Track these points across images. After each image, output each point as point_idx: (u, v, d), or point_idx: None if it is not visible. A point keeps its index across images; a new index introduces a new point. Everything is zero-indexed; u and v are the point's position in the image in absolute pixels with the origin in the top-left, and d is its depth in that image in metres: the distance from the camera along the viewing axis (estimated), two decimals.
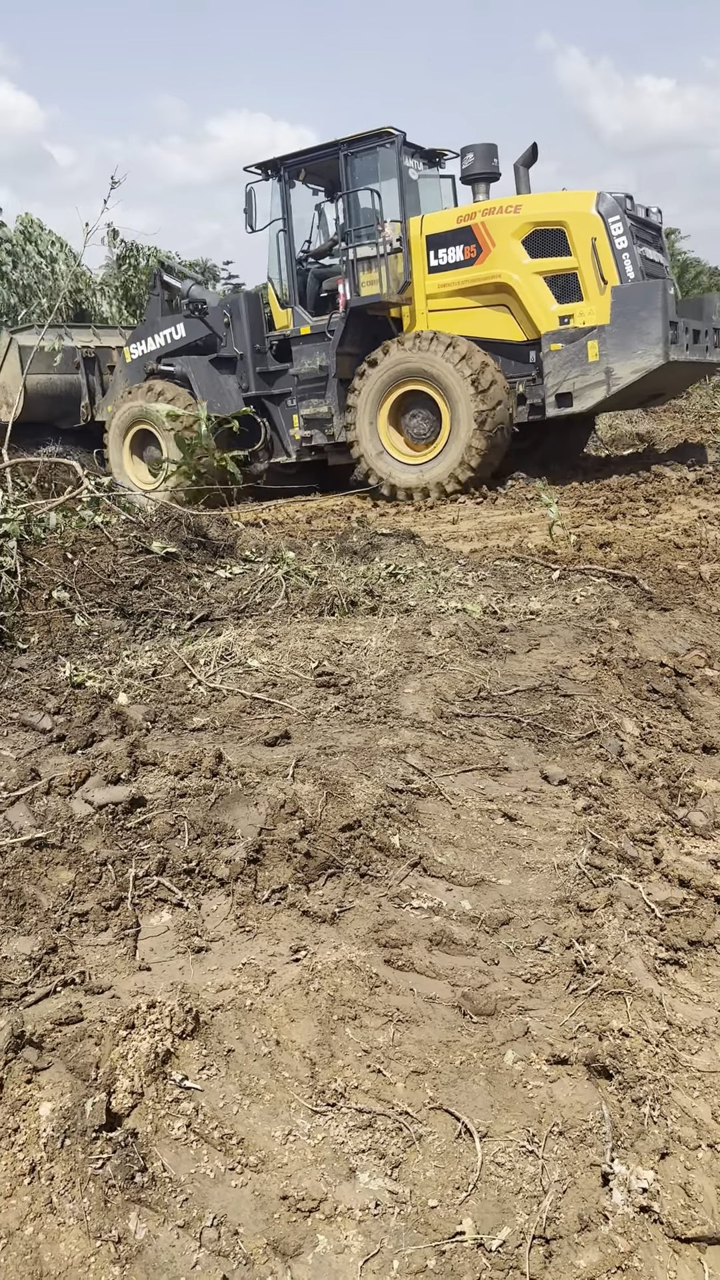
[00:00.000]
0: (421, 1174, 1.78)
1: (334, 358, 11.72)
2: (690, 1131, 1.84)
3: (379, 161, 11.50)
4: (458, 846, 2.88)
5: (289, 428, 12.45)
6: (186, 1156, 1.78)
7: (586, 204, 10.45)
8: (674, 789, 3.37)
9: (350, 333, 11.66)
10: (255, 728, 3.54)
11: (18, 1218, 1.66)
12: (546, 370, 10.57)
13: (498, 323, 11.01)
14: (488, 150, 11.56)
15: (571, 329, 10.47)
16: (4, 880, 2.59)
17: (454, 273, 11.12)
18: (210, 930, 2.46)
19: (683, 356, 10.38)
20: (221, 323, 12.55)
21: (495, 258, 10.81)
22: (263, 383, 12.52)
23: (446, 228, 11.13)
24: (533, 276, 10.65)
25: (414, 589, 5.45)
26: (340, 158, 11.51)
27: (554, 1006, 2.20)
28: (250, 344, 12.38)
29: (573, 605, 5.15)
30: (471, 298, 11.10)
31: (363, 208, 11.67)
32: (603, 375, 10.31)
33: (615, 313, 10.17)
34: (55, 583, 4.93)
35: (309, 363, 12.03)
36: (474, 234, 10.94)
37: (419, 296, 11.40)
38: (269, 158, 12.09)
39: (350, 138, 11.47)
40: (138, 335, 13.57)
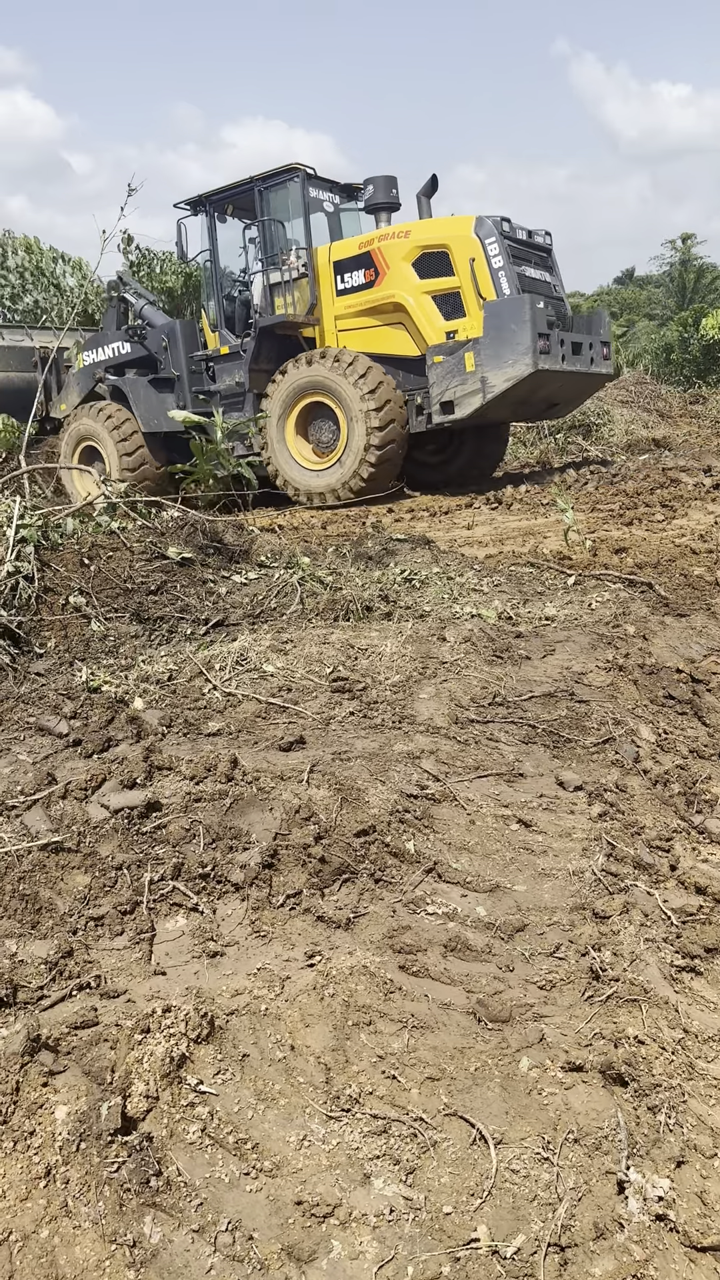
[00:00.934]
0: (436, 1180, 1.77)
1: (248, 373, 12.66)
2: (706, 1140, 1.83)
3: (288, 195, 12.49)
4: (472, 852, 2.88)
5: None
6: (201, 1161, 1.78)
7: (466, 228, 11.31)
8: (690, 795, 3.36)
9: (263, 351, 12.60)
10: (270, 733, 3.54)
11: (33, 1221, 1.67)
12: (431, 381, 11.41)
13: (396, 339, 11.93)
14: (388, 182, 12.56)
15: (452, 343, 11.32)
16: (20, 884, 2.60)
17: (357, 295, 12.08)
18: (225, 935, 2.46)
19: (557, 366, 11.14)
20: (160, 345, 13.44)
21: (390, 279, 11.74)
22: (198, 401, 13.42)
23: (350, 254, 12.10)
24: (422, 296, 11.57)
25: (429, 594, 5.45)
26: (254, 191, 12.46)
27: (569, 1013, 2.20)
28: (186, 366, 13.37)
29: (588, 611, 5.14)
30: (373, 317, 12.04)
31: (274, 237, 12.66)
32: (479, 384, 11.09)
33: (488, 325, 10.99)
34: (72, 588, 4.96)
35: (228, 379, 13.00)
36: (372, 259, 11.88)
37: (328, 317, 12.36)
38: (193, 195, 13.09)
39: (262, 174, 12.43)
40: (91, 344, 14.48)
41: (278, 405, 12.07)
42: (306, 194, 12.35)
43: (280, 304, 12.42)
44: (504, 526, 9.25)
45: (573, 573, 6.14)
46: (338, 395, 11.56)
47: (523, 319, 10.75)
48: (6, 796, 3.03)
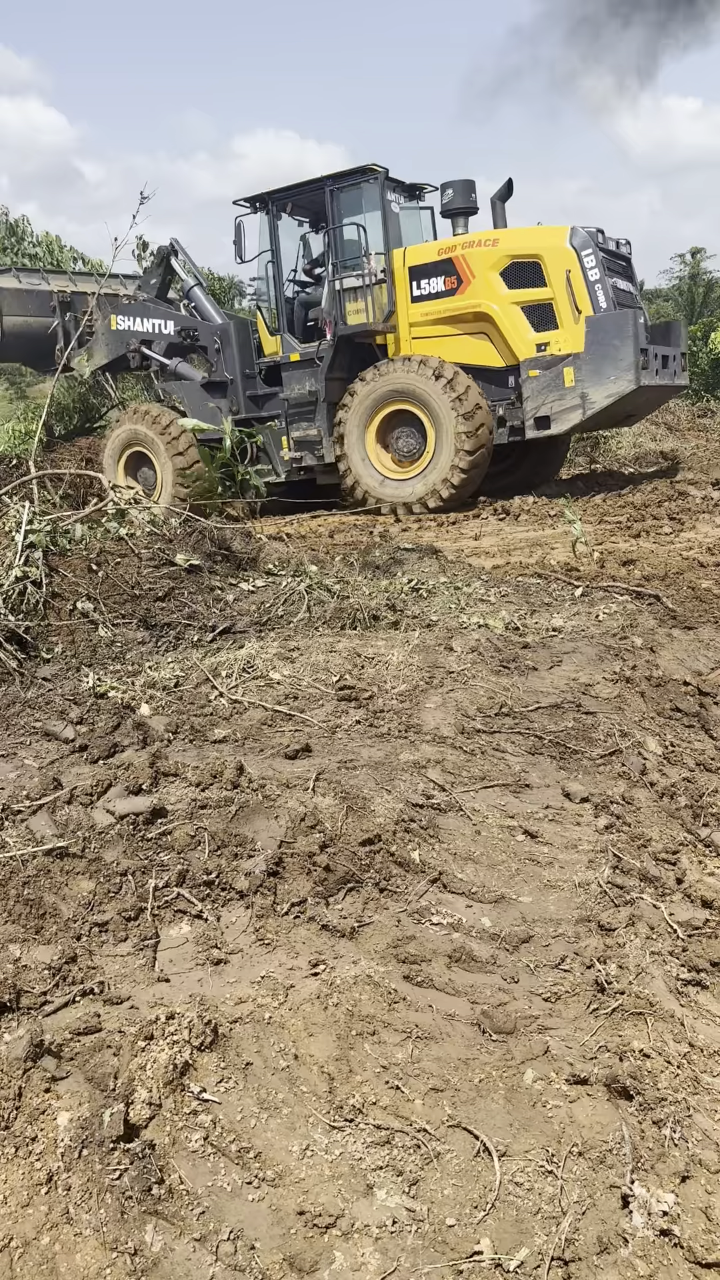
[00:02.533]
0: (439, 1192, 1.76)
1: (324, 382, 12.25)
2: (712, 1155, 1.81)
3: (363, 196, 12.12)
4: (478, 863, 2.87)
5: (278, 449, 12.91)
6: (204, 1169, 1.78)
7: (561, 238, 11.06)
8: (697, 808, 3.34)
9: (338, 359, 12.23)
10: (276, 740, 3.54)
11: (35, 1227, 1.66)
12: (526, 395, 11.12)
13: (477, 349, 11.59)
14: (466, 186, 12.20)
15: (548, 356, 11.04)
16: (25, 889, 2.59)
17: (436, 302, 11.73)
18: (229, 942, 2.46)
19: (653, 381, 10.96)
20: (213, 347, 13.01)
21: (475, 288, 11.43)
22: (252, 405, 13.02)
23: (428, 260, 11.75)
24: (511, 306, 11.27)
25: (436, 604, 5.45)
26: (326, 193, 12.09)
27: (574, 1026, 2.19)
28: (240, 369, 12.90)
29: (595, 622, 5.13)
30: (453, 326, 11.69)
31: (347, 240, 12.27)
32: (578, 399, 10.87)
33: (590, 340, 10.77)
34: (80, 594, 4.97)
35: (299, 387, 12.53)
36: (455, 266, 11.55)
37: (402, 324, 12.01)
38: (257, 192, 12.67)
39: (335, 174, 12.12)
40: (128, 310, 13.74)
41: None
42: (385, 196, 11.97)
43: (353, 310, 12.04)
44: (511, 537, 9.25)
45: (580, 584, 6.14)
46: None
47: (626, 334, 10.59)
48: (12, 801, 3.04)
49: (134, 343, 13.49)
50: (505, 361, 11.36)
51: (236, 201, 12.62)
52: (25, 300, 14.21)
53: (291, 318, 12.84)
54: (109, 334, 13.77)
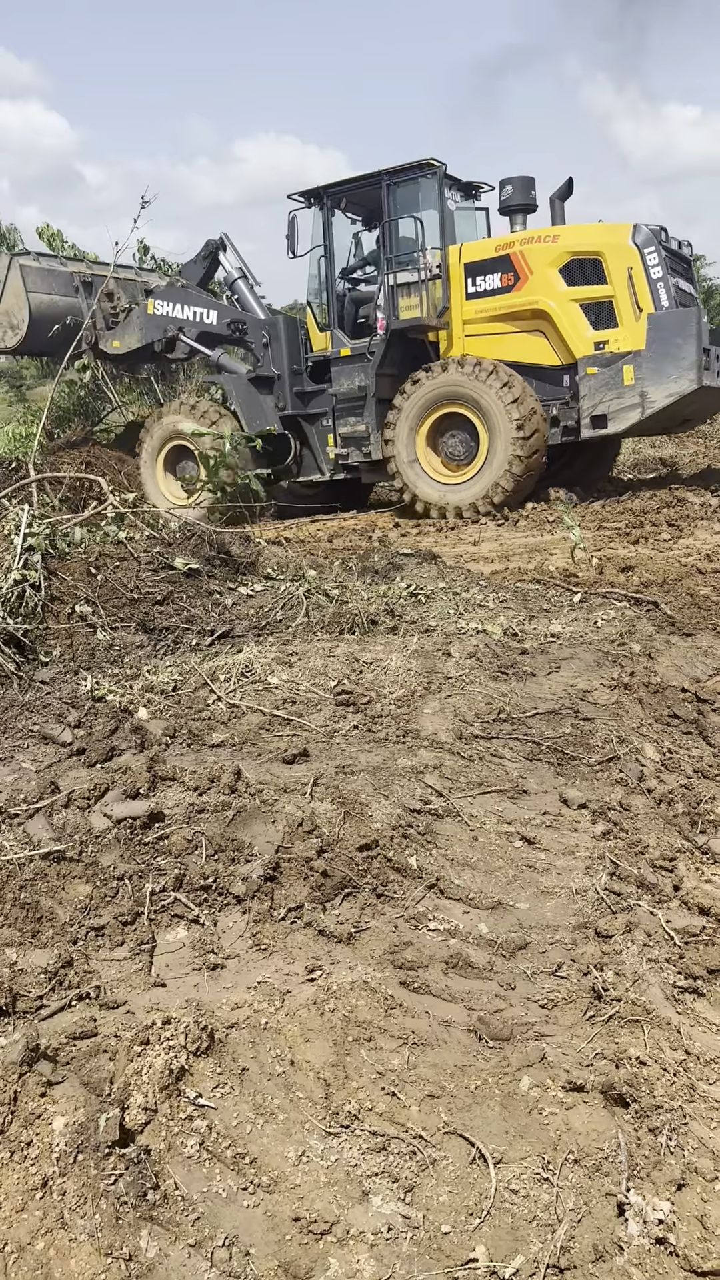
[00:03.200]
0: (435, 1199, 1.76)
1: (374, 378, 12.01)
2: (708, 1163, 1.81)
3: (420, 191, 11.91)
4: (475, 869, 2.87)
5: (324, 446, 12.74)
6: (199, 1175, 1.77)
7: (624, 235, 10.83)
8: (694, 815, 3.35)
9: (390, 354, 12.01)
10: (274, 745, 3.54)
11: (29, 1233, 1.66)
12: (582, 393, 10.84)
13: (533, 347, 11.34)
14: (525, 183, 11.94)
15: (608, 354, 10.76)
16: (22, 892, 2.59)
17: (491, 299, 11.49)
18: (226, 947, 2.46)
19: (714, 383, 10.65)
20: (260, 342, 12.82)
21: (533, 285, 11.17)
22: (299, 402, 12.80)
23: (485, 256, 11.52)
24: (569, 303, 11.01)
25: (434, 609, 5.45)
26: (382, 187, 11.86)
27: (571, 1033, 2.18)
28: (288, 365, 12.70)
29: (594, 629, 5.14)
30: (508, 323, 11.45)
31: (402, 235, 12.03)
32: (638, 398, 10.58)
33: (651, 338, 10.51)
34: (78, 597, 4.97)
35: (348, 383, 12.33)
36: (512, 262, 11.30)
37: (456, 321, 11.77)
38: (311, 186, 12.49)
39: (393, 168, 11.82)
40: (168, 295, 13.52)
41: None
42: (443, 191, 11.79)
43: (406, 305, 11.77)
44: (510, 543, 9.26)
45: (579, 590, 6.14)
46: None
47: (689, 333, 10.39)
48: (9, 804, 3.03)
49: (172, 329, 13.29)
50: (561, 360, 11.15)
51: (291, 196, 12.50)
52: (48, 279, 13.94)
53: (342, 314, 12.67)
54: (145, 318, 13.54)
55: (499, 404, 10.88)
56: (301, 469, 13.08)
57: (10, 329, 13.67)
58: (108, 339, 13.89)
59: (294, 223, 12.51)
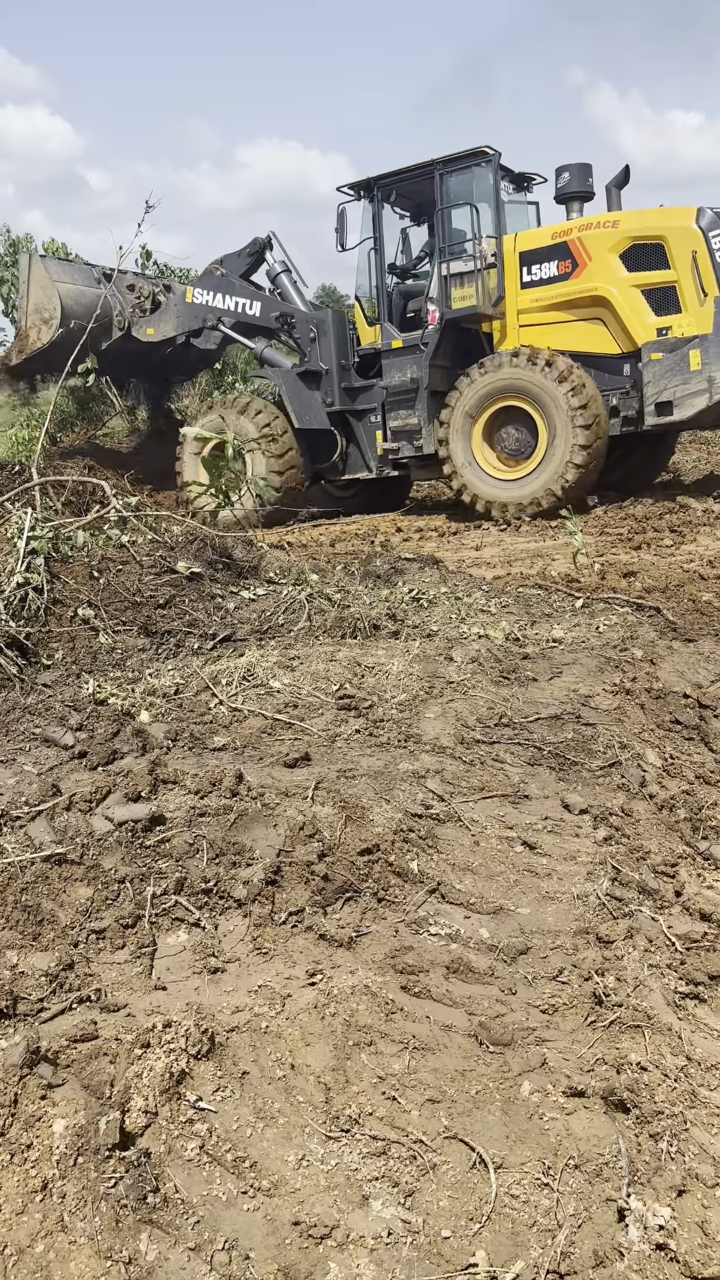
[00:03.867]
0: (435, 1204, 1.76)
1: (427, 369, 11.78)
2: (708, 1169, 1.81)
3: (474, 179, 11.73)
4: (476, 874, 2.87)
5: (371, 443, 12.54)
6: (199, 1178, 1.77)
7: (688, 219, 10.63)
8: (696, 821, 3.34)
9: (443, 346, 11.80)
10: (276, 749, 3.54)
11: (29, 1235, 1.66)
12: (646, 379, 10.62)
13: (591, 336, 11.12)
14: (583, 170, 11.74)
15: (672, 339, 10.54)
16: (23, 895, 2.59)
17: (547, 288, 11.29)
18: (227, 951, 2.45)
19: None
20: (308, 336, 12.63)
21: (591, 272, 10.97)
22: (346, 398, 12.62)
23: (541, 244, 11.34)
24: (630, 289, 10.81)
25: (436, 614, 5.45)
26: (435, 176, 11.68)
27: (572, 1038, 2.18)
28: (336, 360, 12.53)
29: (596, 634, 5.14)
30: (565, 311, 11.24)
31: (455, 226, 11.85)
32: (705, 383, 10.35)
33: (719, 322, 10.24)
34: (81, 600, 4.97)
35: (399, 375, 12.13)
36: (570, 249, 11.10)
37: (510, 311, 11.59)
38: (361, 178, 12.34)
39: (446, 157, 11.63)
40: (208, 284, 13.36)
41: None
42: (497, 179, 11.62)
43: (459, 296, 11.59)
44: (512, 548, 9.26)
45: (581, 595, 6.14)
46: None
47: None
48: (11, 807, 3.03)
49: (211, 318, 13.11)
50: (621, 348, 10.93)
51: (340, 188, 12.41)
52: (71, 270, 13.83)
53: (390, 308, 12.51)
54: (182, 305, 13.39)
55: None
56: (347, 466, 12.86)
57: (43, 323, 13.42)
58: (141, 326, 13.69)
59: (343, 215, 12.35)
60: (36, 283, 13.39)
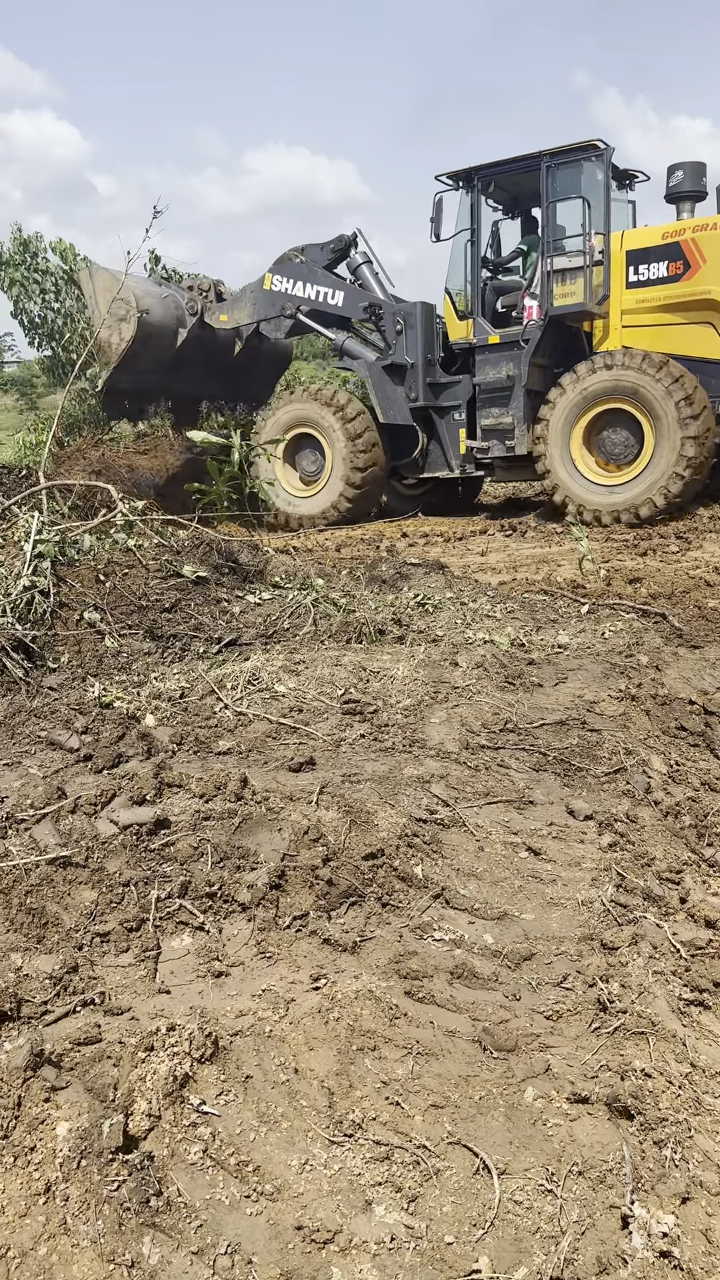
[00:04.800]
0: (438, 1209, 1.76)
1: (526, 367, 11.45)
2: (713, 1176, 1.80)
3: (583, 173, 11.40)
4: (481, 879, 2.87)
5: (454, 441, 12.26)
6: (202, 1182, 1.77)
7: None
8: (701, 828, 3.34)
9: (544, 343, 11.50)
10: (280, 753, 3.54)
11: (32, 1238, 1.66)
12: None
13: (699, 339, 10.84)
14: (696, 169, 11.42)
15: None
16: (27, 898, 2.60)
17: (655, 289, 11.03)
18: (231, 955, 2.46)
19: None
20: (394, 329, 12.30)
21: (705, 274, 10.68)
22: (430, 394, 12.31)
23: (650, 243, 11.07)
24: None
25: (442, 619, 5.45)
26: (542, 168, 11.35)
27: (576, 1044, 2.18)
28: (422, 354, 12.21)
29: (601, 640, 5.13)
30: (673, 314, 10.98)
31: (561, 220, 11.56)
32: None
33: None
34: (87, 604, 4.98)
35: (494, 372, 11.79)
36: (682, 250, 10.83)
37: (614, 311, 11.31)
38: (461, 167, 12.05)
39: (554, 149, 11.32)
40: (288, 271, 13.05)
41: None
42: (608, 174, 11.26)
43: (563, 292, 11.23)
44: (518, 554, 9.26)
45: (586, 601, 6.14)
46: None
47: None
48: (16, 809, 3.04)
49: (290, 307, 12.81)
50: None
51: (438, 177, 12.05)
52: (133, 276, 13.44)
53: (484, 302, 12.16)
54: (260, 293, 13.09)
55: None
56: (427, 464, 12.57)
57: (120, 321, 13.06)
58: (214, 312, 13.42)
59: (439, 205, 11.98)
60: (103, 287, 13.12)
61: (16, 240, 18.88)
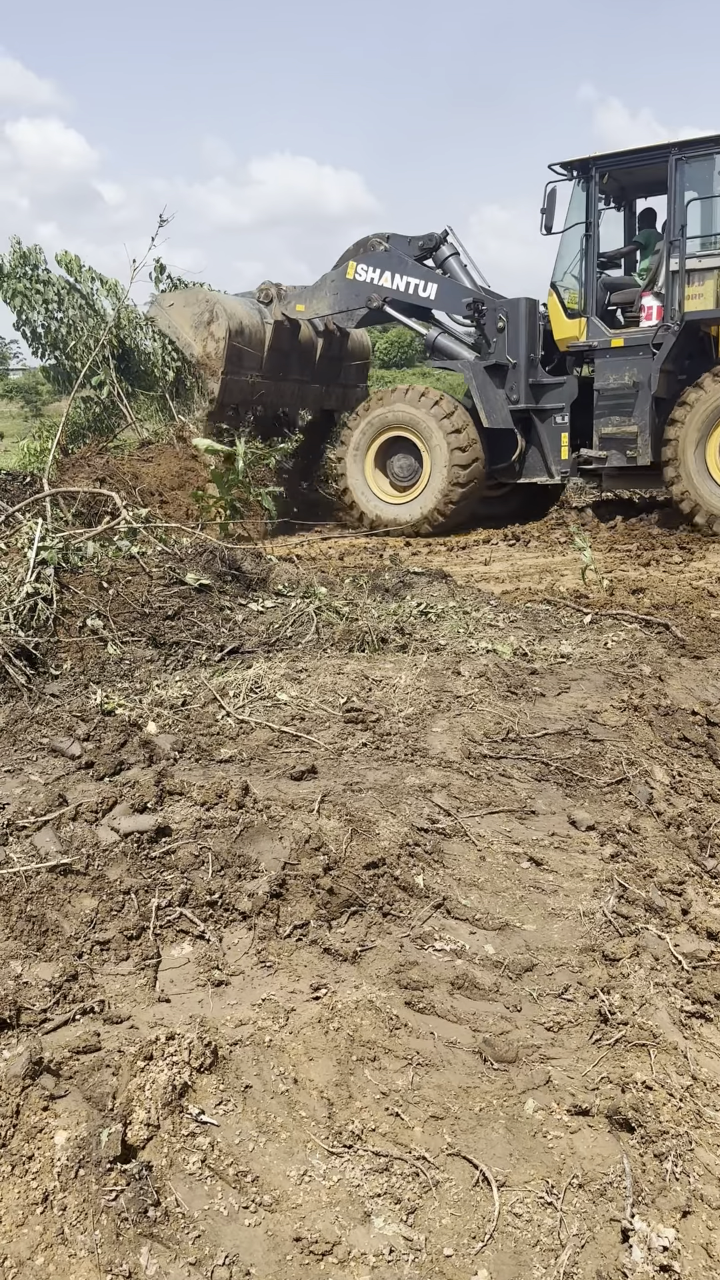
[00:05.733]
0: (437, 1221, 1.75)
1: (656, 373, 10.87)
2: (714, 1190, 1.79)
3: (716, 168, 10.82)
4: (482, 889, 2.86)
5: (555, 446, 11.65)
6: (200, 1192, 1.76)
7: None
8: (704, 839, 3.33)
9: (677, 348, 10.89)
10: (282, 761, 3.54)
11: (29, 1247, 1.65)
12: None
13: None
14: None
15: None
16: (28, 905, 2.59)
17: None
18: (231, 964, 2.45)
19: None
20: (496, 325, 11.62)
21: None
22: (531, 396, 11.66)
23: None
24: None
25: (445, 628, 5.45)
26: (670, 161, 10.75)
27: (576, 1056, 2.17)
28: (525, 353, 11.56)
29: (604, 650, 5.13)
30: None
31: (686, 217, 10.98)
32: None
33: None
34: (90, 611, 4.99)
35: (616, 378, 11.11)
36: None
37: None
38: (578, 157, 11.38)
39: (684, 140, 10.81)
40: (374, 260, 12.36)
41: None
42: None
43: (694, 294, 10.58)
44: (521, 563, 9.26)
45: (589, 611, 6.14)
46: None
47: None
48: (17, 816, 3.04)
49: (376, 298, 12.13)
50: None
51: (552, 166, 11.39)
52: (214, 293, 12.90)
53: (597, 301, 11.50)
54: (343, 282, 12.46)
55: None
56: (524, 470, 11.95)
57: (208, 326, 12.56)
58: (289, 302, 12.80)
59: (553, 196, 11.37)
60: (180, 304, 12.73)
61: (16, 253, 18.95)
